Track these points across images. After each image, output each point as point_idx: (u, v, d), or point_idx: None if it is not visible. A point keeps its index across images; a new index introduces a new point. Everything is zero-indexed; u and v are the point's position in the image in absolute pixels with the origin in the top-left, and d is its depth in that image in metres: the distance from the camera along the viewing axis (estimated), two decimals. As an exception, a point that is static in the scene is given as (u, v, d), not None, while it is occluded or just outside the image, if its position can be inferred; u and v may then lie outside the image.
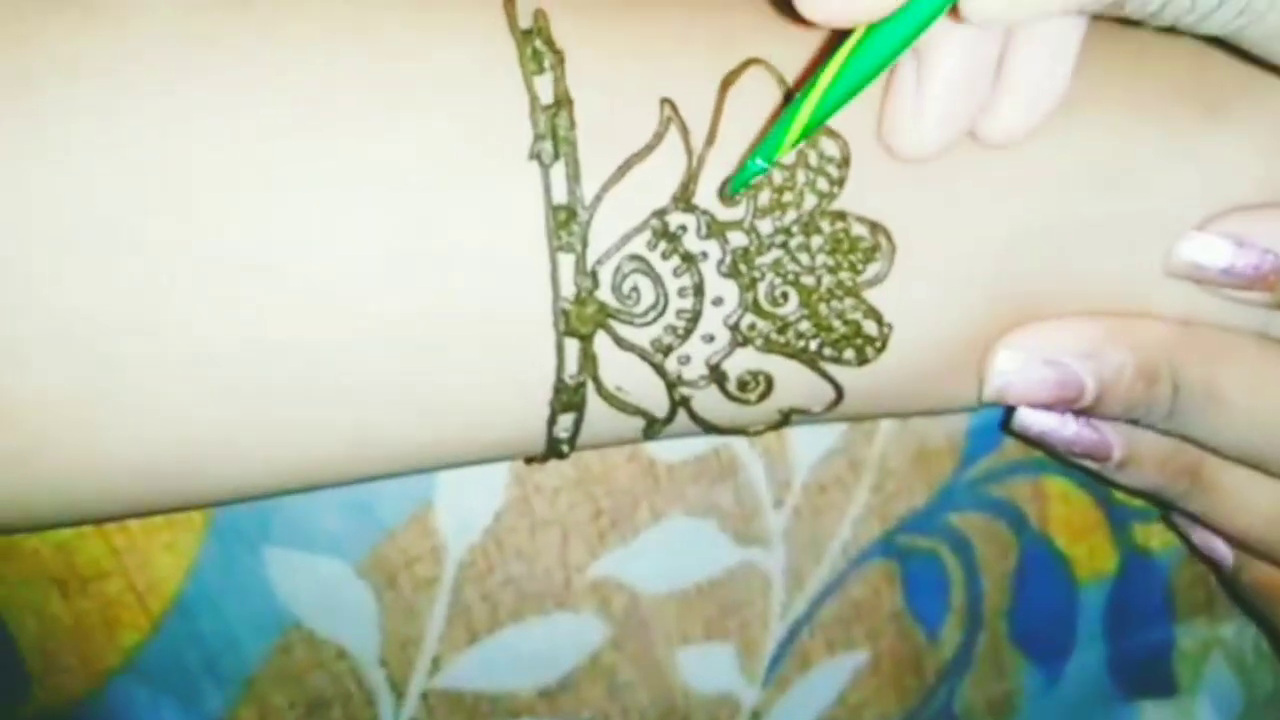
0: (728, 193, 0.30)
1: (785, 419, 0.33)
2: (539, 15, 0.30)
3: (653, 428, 0.32)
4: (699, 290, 0.30)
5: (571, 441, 0.32)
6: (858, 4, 0.26)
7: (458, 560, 0.38)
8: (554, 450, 0.32)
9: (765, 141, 0.28)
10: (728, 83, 0.30)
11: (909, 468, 0.41)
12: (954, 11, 0.27)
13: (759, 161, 0.28)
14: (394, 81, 0.29)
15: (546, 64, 0.29)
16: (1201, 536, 0.41)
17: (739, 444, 0.39)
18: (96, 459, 0.29)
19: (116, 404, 0.28)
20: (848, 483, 0.40)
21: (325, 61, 0.29)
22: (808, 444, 0.40)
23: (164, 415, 0.29)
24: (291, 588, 0.37)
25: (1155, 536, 0.43)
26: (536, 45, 0.29)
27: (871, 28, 0.27)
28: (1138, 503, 0.43)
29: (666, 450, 0.39)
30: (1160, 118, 0.33)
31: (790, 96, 0.30)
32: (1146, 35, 0.33)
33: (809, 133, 0.28)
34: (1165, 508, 0.40)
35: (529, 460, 0.36)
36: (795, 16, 0.31)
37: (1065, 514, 0.43)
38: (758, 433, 0.34)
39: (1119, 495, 0.43)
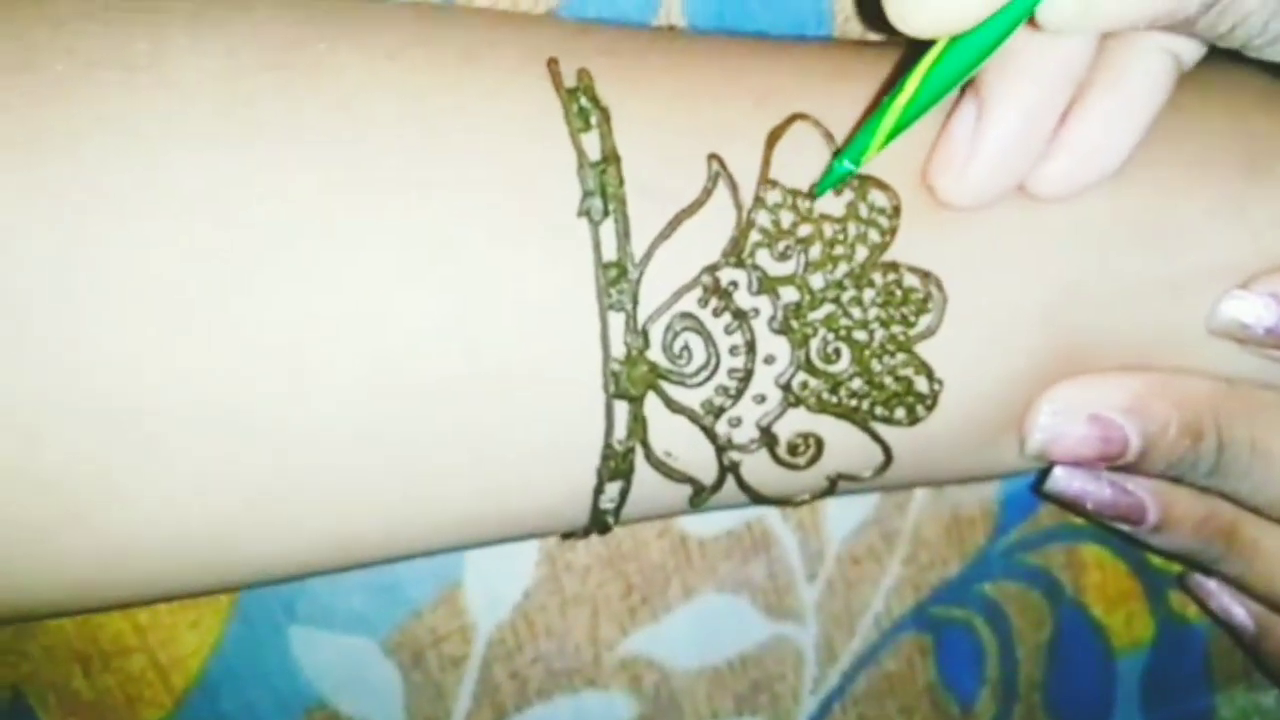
0: (814, 194, 0.30)
1: (832, 486, 0.32)
2: (583, 74, 0.30)
3: (699, 496, 0.31)
4: (751, 348, 0.30)
5: (617, 513, 0.31)
6: (946, 16, 0.27)
7: (487, 638, 0.37)
8: (598, 522, 0.31)
9: (853, 144, 0.29)
10: (774, 138, 0.30)
11: (942, 537, 0.40)
12: (1033, 22, 0.27)
13: (847, 163, 0.29)
14: (441, 142, 0.28)
15: (593, 121, 0.29)
16: (1219, 603, 0.40)
17: (772, 517, 0.38)
18: (128, 533, 0.28)
19: (149, 476, 0.27)
20: (881, 554, 0.40)
21: (370, 124, 0.28)
22: (841, 515, 0.39)
23: (199, 487, 0.28)
24: (316, 667, 0.36)
25: (1192, 604, 0.43)
26: (582, 103, 0.29)
27: (956, 37, 0.27)
28: (1174, 569, 0.42)
29: (698, 526, 0.38)
30: (1207, 176, 0.33)
31: (878, 102, 0.30)
32: (1178, 92, 0.33)
33: (895, 135, 0.28)
34: (1199, 570, 0.40)
35: (566, 536, 0.35)
36: (834, 74, 0.32)
37: (1101, 582, 0.42)
38: (802, 502, 0.33)
39: (1155, 562, 0.42)
